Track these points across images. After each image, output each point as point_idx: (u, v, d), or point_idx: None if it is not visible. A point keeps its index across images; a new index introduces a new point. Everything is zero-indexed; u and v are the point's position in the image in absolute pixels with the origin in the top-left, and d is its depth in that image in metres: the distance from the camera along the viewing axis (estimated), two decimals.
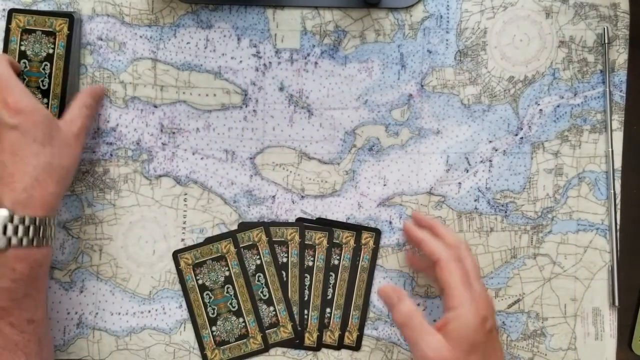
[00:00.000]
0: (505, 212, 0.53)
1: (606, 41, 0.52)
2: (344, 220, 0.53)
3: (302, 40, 0.53)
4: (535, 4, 0.53)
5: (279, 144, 0.53)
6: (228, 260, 0.51)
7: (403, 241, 0.53)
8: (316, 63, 0.53)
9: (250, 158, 0.53)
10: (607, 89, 0.52)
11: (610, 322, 0.53)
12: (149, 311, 0.52)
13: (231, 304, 0.50)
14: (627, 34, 0.53)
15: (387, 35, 0.53)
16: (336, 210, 0.53)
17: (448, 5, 0.53)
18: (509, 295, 0.53)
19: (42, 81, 0.50)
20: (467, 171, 0.53)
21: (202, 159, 0.53)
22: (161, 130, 0.53)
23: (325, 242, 0.51)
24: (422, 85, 0.53)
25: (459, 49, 0.53)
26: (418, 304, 0.53)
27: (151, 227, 0.53)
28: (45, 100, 0.50)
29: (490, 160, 0.53)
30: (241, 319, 0.51)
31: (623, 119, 0.53)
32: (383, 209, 0.53)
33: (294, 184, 0.53)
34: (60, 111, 0.50)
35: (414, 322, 0.42)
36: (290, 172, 0.53)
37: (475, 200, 0.53)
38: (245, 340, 0.51)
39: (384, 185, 0.53)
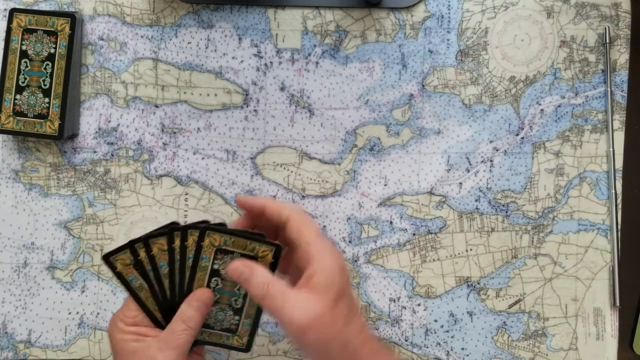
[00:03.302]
0: (506, 212, 0.53)
1: (607, 41, 0.52)
2: (345, 220, 0.53)
3: (303, 40, 0.53)
4: (537, 3, 0.53)
5: (280, 144, 0.53)
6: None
7: (403, 241, 0.53)
8: (317, 63, 0.53)
9: (251, 158, 0.53)
10: (609, 89, 0.52)
11: (611, 322, 0.53)
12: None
13: (235, 301, 0.45)
14: (628, 33, 0.53)
15: (388, 35, 0.53)
16: (337, 210, 0.53)
17: (449, 5, 0.53)
18: (510, 295, 0.53)
19: (44, 80, 0.51)
20: (468, 171, 0.53)
21: (203, 158, 0.53)
22: (162, 130, 0.53)
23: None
24: (423, 85, 0.53)
25: (460, 48, 0.53)
26: (418, 304, 0.53)
27: (152, 227, 0.53)
28: (47, 99, 0.50)
29: (491, 160, 0.53)
30: (237, 317, 0.45)
31: (624, 118, 0.53)
32: (384, 208, 0.53)
33: (294, 184, 0.53)
34: (62, 110, 0.50)
35: (274, 289, 0.38)
36: (291, 172, 0.53)
37: (476, 200, 0.53)
38: (230, 334, 0.46)
39: (385, 185, 0.53)
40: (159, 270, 0.43)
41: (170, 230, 0.42)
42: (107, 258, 0.42)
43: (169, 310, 0.43)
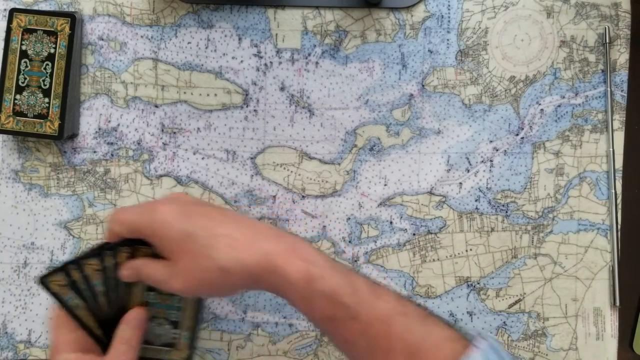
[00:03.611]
0: (506, 212, 0.53)
1: (607, 41, 0.52)
2: (345, 220, 0.53)
3: (303, 40, 0.53)
4: (537, 3, 0.53)
5: (280, 144, 0.53)
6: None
7: (403, 241, 0.53)
8: (317, 63, 0.53)
9: (251, 158, 0.53)
10: (608, 89, 0.52)
11: (611, 322, 0.53)
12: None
13: (173, 314, 0.46)
14: (628, 33, 0.53)
15: (388, 35, 0.53)
16: (337, 210, 0.53)
17: (449, 5, 0.53)
18: (510, 295, 0.53)
19: (44, 80, 0.51)
20: (468, 171, 0.53)
21: (203, 158, 0.53)
22: (162, 130, 0.53)
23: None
24: (423, 85, 0.53)
25: (460, 48, 0.53)
26: (418, 304, 0.52)
27: None
28: (47, 99, 0.50)
29: (491, 160, 0.53)
30: (177, 331, 0.46)
31: (624, 118, 0.53)
32: (384, 208, 0.53)
33: (294, 184, 0.53)
34: (62, 110, 0.50)
35: (150, 271, 0.40)
36: (291, 172, 0.53)
37: (476, 200, 0.53)
38: (170, 349, 0.46)
39: (385, 185, 0.53)
40: (94, 289, 0.43)
41: (100, 251, 0.43)
42: (43, 280, 0.43)
43: (108, 326, 0.43)
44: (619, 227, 0.53)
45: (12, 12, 0.51)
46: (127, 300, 0.44)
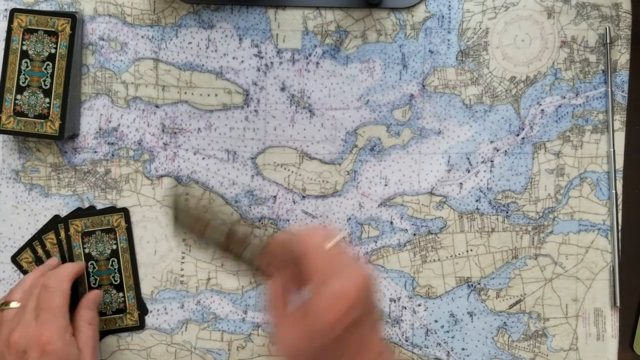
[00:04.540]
0: (507, 212, 0.53)
1: (608, 41, 0.52)
2: (346, 220, 0.53)
3: (303, 40, 0.53)
4: (537, 4, 0.53)
5: (280, 144, 0.53)
6: (117, 233, 0.52)
7: (404, 241, 0.53)
8: (318, 63, 0.53)
9: (252, 158, 0.53)
10: (609, 89, 0.52)
11: (611, 323, 0.53)
12: (151, 311, 0.52)
13: (114, 277, 0.52)
14: (629, 34, 0.53)
15: (388, 36, 0.53)
16: (337, 210, 0.53)
17: (450, 5, 0.53)
18: (510, 295, 0.53)
19: (44, 81, 0.51)
20: (469, 171, 0.53)
21: (203, 159, 0.53)
22: (163, 130, 0.53)
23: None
24: (423, 86, 0.53)
25: (461, 49, 0.53)
26: (419, 305, 0.53)
27: (152, 227, 0.53)
28: (47, 99, 0.51)
29: (491, 161, 0.53)
30: (121, 294, 0.52)
31: (625, 119, 0.53)
32: (384, 209, 0.53)
33: (295, 184, 0.53)
34: (62, 111, 0.50)
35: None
36: (292, 172, 0.53)
37: (476, 201, 0.53)
38: (122, 315, 0.52)
39: (385, 185, 0.53)
40: None
41: (55, 223, 0.50)
42: (14, 259, 0.50)
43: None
44: (620, 227, 0.53)
45: (13, 12, 0.51)
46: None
